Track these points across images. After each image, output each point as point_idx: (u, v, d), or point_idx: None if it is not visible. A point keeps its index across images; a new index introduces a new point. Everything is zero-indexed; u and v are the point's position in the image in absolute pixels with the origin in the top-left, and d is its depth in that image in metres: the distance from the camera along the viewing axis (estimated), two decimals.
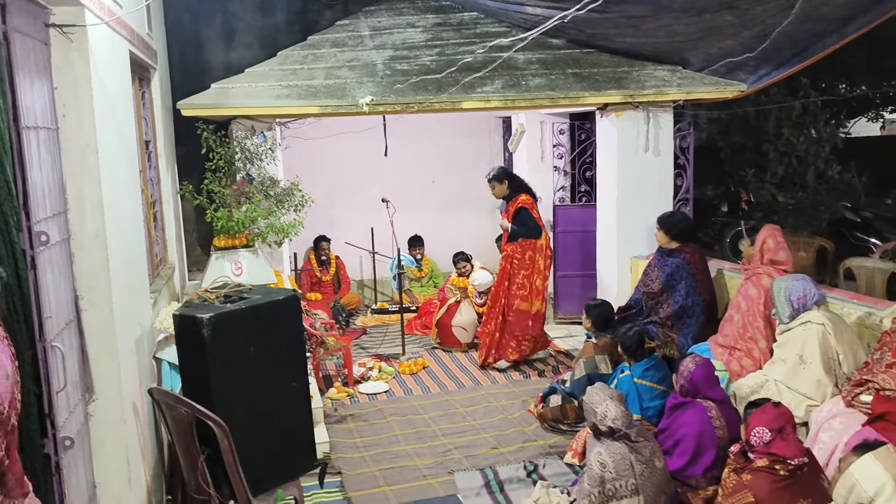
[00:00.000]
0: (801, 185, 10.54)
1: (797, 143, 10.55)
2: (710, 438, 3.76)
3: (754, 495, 3.21)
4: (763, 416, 3.31)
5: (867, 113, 14.65)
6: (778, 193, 10.67)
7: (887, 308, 4.05)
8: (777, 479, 3.20)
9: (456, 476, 4.45)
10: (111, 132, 3.25)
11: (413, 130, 8.37)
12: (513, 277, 6.09)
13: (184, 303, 3.38)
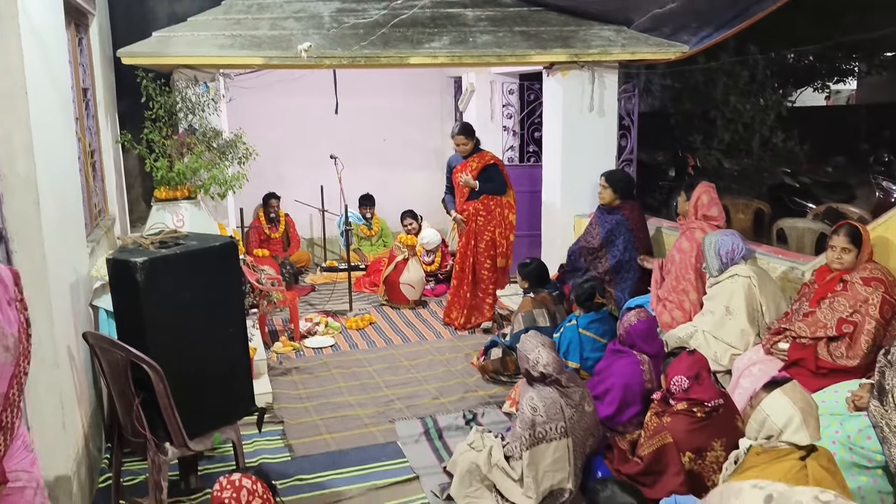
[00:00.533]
0: (746, 152, 10.81)
1: (744, 111, 10.79)
2: (637, 391, 3.92)
3: (673, 436, 3.38)
4: (680, 365, 3.47)
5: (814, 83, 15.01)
6: (724, 160, 10.92)
7: (809, 262, 4.24)
8: (694, 421, 3.37)
9: (396, 424, 4.55)
10: (42, 74, 3.18)
11: (364, 89, 8.33)
12: (480, 235, 6.01)
13: (118, 248, 3.36)
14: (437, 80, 8.80)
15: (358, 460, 4.14)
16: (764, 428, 2.57)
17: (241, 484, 2.37)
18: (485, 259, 6.05)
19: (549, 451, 3.56)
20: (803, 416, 2.50)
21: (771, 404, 2.57)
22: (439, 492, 3.77)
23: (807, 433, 2.49)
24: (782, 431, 2.52)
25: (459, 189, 6.00)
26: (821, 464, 2.53)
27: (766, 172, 10.61)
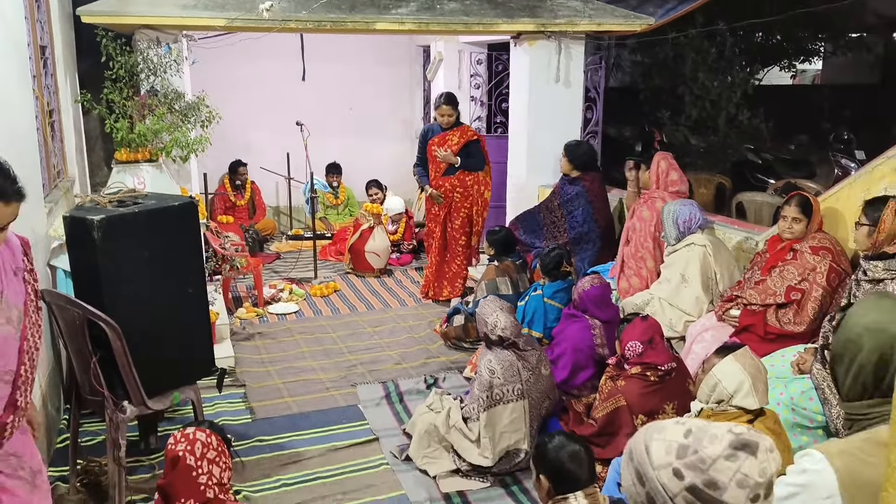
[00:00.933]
0: (713, 129, 10.95)
1: (711, 88, 10.90)
2: (588, 354, 4.01)
3: (626, 399, 3.47)
4: (633, 330, 3.55)
5: (780, 62, 15.19)
6: (691, 136, 11.05)
7: (763, 233, 4.35)
8: (647, 385, 3.46)
9: (358, 388, 4.60)
10: None
11: (332, 55, 8.25)
12: (456, 212, 5.94)
13: (75, 206, 3.33)
14: (406, 49, 8.75)
15: (318, 423, 4.19)
16: (715, 392, 2.65)
17: (196, 437, 2.40)
18: (459, 236, 6.01)
19: (506, 412, 3.64)
20: (753, 381, 2.59)
21: (722, 370, 2.65)
22: (398, 452, 3.84)
23: (755, 398, 2.58)
24: (732, 396, 2.60)
25: (435, 162, 5.87)
26: (767, 426, 2.63)
27: (731, 149, 10.77)
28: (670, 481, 1.17)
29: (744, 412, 2.59)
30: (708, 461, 1.15)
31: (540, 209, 5.70)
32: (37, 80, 4.38)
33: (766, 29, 13.73)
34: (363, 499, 3.48)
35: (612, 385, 3.59)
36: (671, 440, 1.20)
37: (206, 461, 2.37)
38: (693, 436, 1.19)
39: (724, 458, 1.15)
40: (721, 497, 1.14)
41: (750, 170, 9.79)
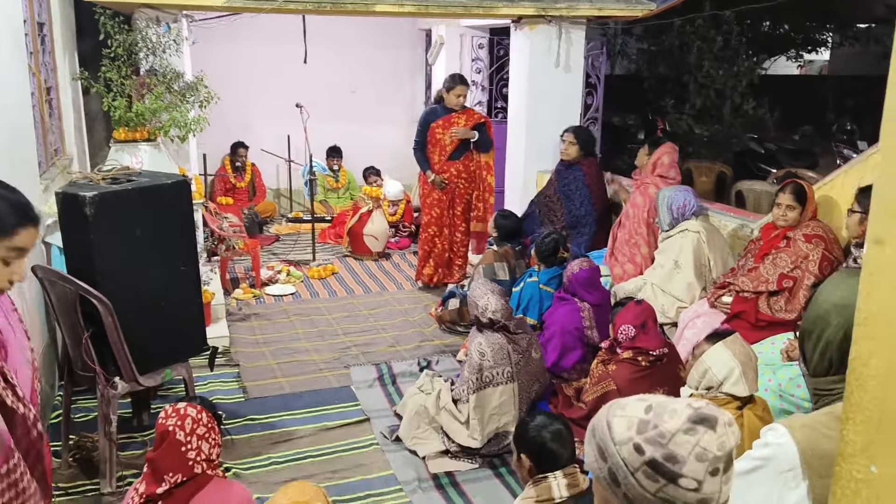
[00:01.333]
0: (717, 118, 10.90)
1: (716, 77, 10.84)
2: (577, 335, 4.02)
3: (616, 383, 3.48)
4: (627, 314, 3.55)
5: (788, 52, 15.09)
6: (695, 125, 11.01)
7: (758, 220, 4.34)
8: (638, 370, 3.47)
9: (351, 370, 4.62)
10: None
11: (335, 38, 8.23)
12: (459, 198, 5.89)
13: (68, 182, 3.35)
14: (409, 33, 8.72)
15: (310, 403, 4.22)
16: (705, 378, 2.66)
17: (186, 412, 2.41)
18: (460, 222, 5.98)
19: (496, 394, 3.66)
20: (743, 368, 2.60)
21: (713, 356, 2.66)
22: (388, 433, 3.86)
23: (745, 385, 2.59)
24: (722, 383, 2.61)
25: (439, 146, 5.75)
26: (756, 413, 2.64)
27: (735, 139, 10.73)
28: (630, 455, 1.18)
29: (733, 399, 2.60)
30: (667, 435, 1.16)
31: (536, 197, 5.69)
32: (33, 57, 4.39)
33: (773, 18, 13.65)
34: (352, 478, 3.51)
35: (604, 369, 3.61)
36: (632, 416, 1.21)
37: (195, 437, 2.39)
38: (653, 411, 1.20)
39: (683, 432, 1.16)
40: (680, 470, 1.14)
41: (752, 159, 9.76)
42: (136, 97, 4.96)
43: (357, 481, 3.48)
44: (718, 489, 1.15)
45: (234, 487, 2.47)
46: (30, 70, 4.16)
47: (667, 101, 11.23)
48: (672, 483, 1.15)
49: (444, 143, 5.75)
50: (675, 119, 11.18)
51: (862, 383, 0.95)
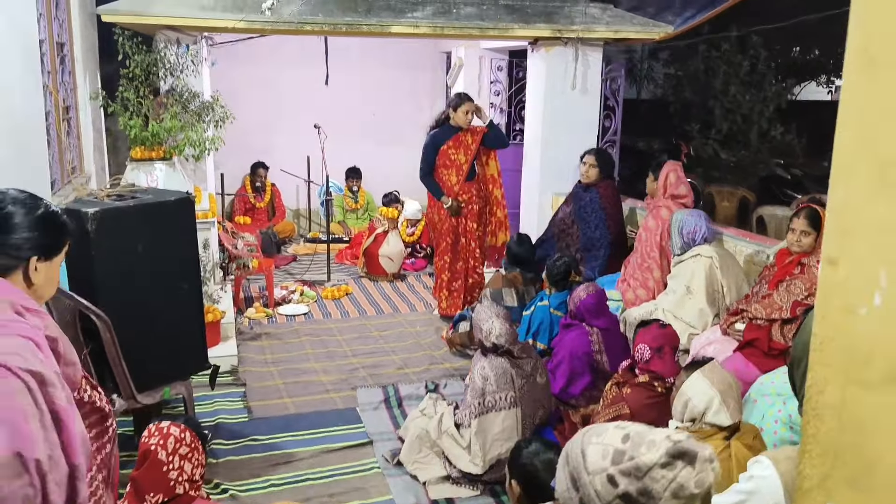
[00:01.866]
0: (744, 143, 10.76)
1: (743, 102, 10.73)
2: (585, 360, 3.93)
3: (630, 407, 3.37)
4: (646, 335, 3.45)
5: (818, 78, 14.89)
6: (721, 150, 10.88)
7: (774, 246, 4.23)
8: (653, 395, 3.36)
9: (357, 391, 4.57)
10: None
11: (356, 61, 8.30)
12: (473, 218, 5.70)
13: (73, 199, 3.37)
14: (429, 56, 8.76)
15: (314, 424, 4.17)
16: (687, 410, 2.58)
17: (169, 431, 2.39)
18: (476, 246, 5.77)
19: (498, 420, 3.57)
20: (722, 397, 2.51)
21: (692, 387, 2.58)
22: (390, 457, 3.80)
23: (727, 414, 2.50)
24: (704, 413, 2.53)
25: (457, 167, 5.59)
26: (744, 442, 2.54)
27: (762, 164, 10.57)
28: (604, 488, 1.12)
29: (719, 429, 2.51)
30: (644, 468, 1.10)
31: (552, 221, 5.62)
32: (51, 76, 4.47)
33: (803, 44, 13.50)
34: (350, 502, 3.45)
35: (618, 391, 3.50)
36: (608, 444, 1.15)
37: (177, 456, 2.36)
38: (631, 441, 1.13)
39: (661, 466, 1.10)
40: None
41: (778, 185, 9.59)
42: (152, 117, 5.02)
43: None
44: None
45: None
46: (46, 89, 4.23)
47: (692, 126, 11.13)
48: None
49: (459, 162, 5.60)
50: (700, 144, 11.06)
51: (818, 412, 0.88)
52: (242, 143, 7.90)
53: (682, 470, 1.10)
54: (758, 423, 3.07)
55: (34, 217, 1.68)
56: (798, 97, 14.76)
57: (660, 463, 1.11)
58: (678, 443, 1.13)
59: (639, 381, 3.41)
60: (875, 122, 0.81)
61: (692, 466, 1.11)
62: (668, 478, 1.10)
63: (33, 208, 1.69)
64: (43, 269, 1.70)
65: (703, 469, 1.12)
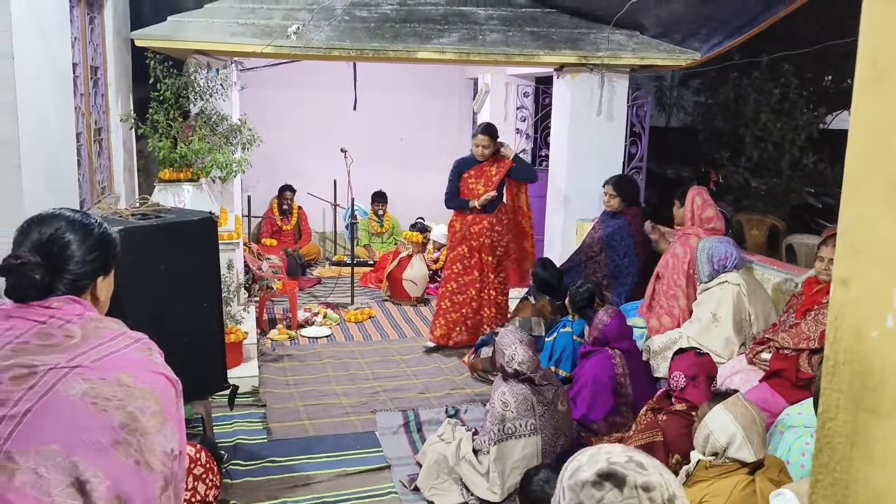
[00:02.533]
0: (775, 171, 10.63)
1: (774, 130, 10.62)
2: (608, 384, 3.87)
3: (665, 435, 3.30)
4: (682, 362, 3.40)
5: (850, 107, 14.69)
6: (751, 178, 10.75)
7: (802, 275, 4.14)
8: (688, 424, 3.29)
9: (377, 415, 4.54)
10: (34, 41, 3.26)
11: (384, 86, 8.38)
12: (487, 251, 5.50)
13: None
14: (456, 82, 8.82)
15: (332, 447, 4.15)
16: (709, 444, 2.52)
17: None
18: (493, 277, 5.57)
19: (518, 447, 3.52)
20: (746, 432, 2.44)
21: (714, 420, 2.51)
22: (407, 482, 3.76)
23: (751, 450, 2.43)
24: (726, 448, 2.46)
25: (474, 196, 5.45)
26: (770, 477, 2.47)
27: (794, 193, 10.43)
28: (560, 498, 1.16)
29: (741, 464, 2.45)
30: (580, 485, 1.12)
31: (580, 249, 5.56)
32: (84, 99, 4.57)
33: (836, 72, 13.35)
34: None
35: (653, 417, 3.44)
36: (578, 459, 1.17)
37: (191, 476, 2.35)
38: (589, 457, 1.15)
39: (591, 485, 1.11)
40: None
41: (809, 213, 9.44)
42: (181, 139, 5.11)
43: None
44: None
45: None
46: (79, 111, 4.33)
47: (722, 154, 11.03)
48: None
49: (477, 192, 5.46)
50: (730, 172, 10.95)
51: (830, 440, 0.84)
52: (270, 166, 8.01)
53: (608, 492, 1.10)
54: (784, 456, 2.98)
55: (93, 240, 1.72)
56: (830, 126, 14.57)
57: (591, 481, 1.12)
58: (613, 464, 1.13)
59: (675, 409, 3.34)
60: (886, 137, 0.78)
61: (619, 490, 1.10)
62: (597, 497, 1.11)
63: (89, 230, 1.74)
64: (105, 285, 1.79)
65: (633, 496, 1.10)
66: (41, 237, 1.62)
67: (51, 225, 1.66)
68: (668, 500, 1.11)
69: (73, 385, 1.41)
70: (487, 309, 5.60)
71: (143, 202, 3.70)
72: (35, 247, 1.62)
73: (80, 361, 1.45)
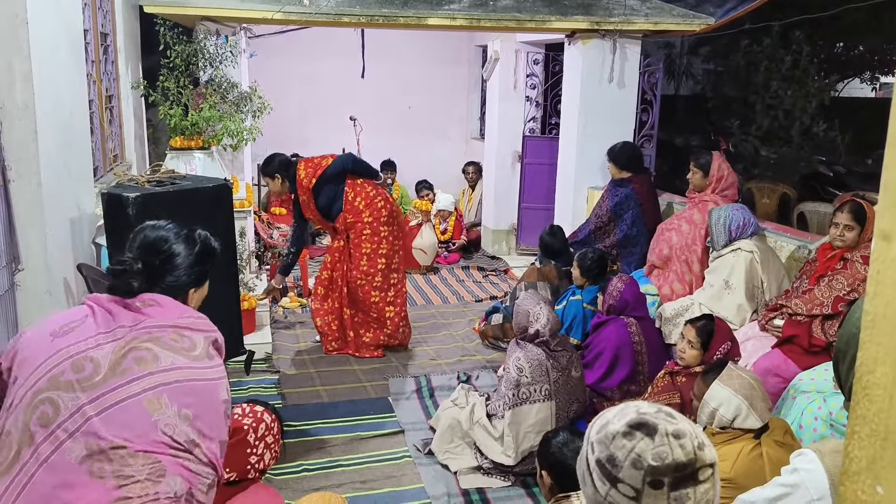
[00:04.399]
0: (785, 140, 10.55)
1: (785, 98, 10.52)
2: (627, 352, 3.89)
3: (682, 398, 3.33)
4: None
5: (863, 74, 14.54)
6: (761, 146, 10.68)
7: (816, 241, 4.14)
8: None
9: (390, 381, 4.59)
10: (46, 5, 3.24)
11: (392, 54, 8.32)
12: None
13: (114, 183, 3.43)
14: (465, 50, 8.75)
15: (347, 412, 4.20)
16: (715, 420, 2.54)
17: (262, 417, 2.37)
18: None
19: (532, 412, 3.55)
20: (749, 401, 2.48)
21: (716, 397, 2.54)
22: (421, 446, 3.81)
23: (756, 417, 2.47)
24: (734, 421, 2.49)
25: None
26: (775, 439, 2.50)
27: (804, 161, 10.36)
28: (588, 454, 1.19)
29: (745, 431, 2.48)
30: (610, 437, 1.15)
31: (589, 219, 5.57)
32: (95, 66, 4.55)
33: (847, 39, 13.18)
34: (381, 489, 3.46)
35: (670, 380, 3.47)
36: (606, 416, 1.20)
37: (262, 443, 2.35)
38: (618, 411, 1.18)
39: (622, 436, 1.14)
40: (618, 475, 1.12)
41: (820, 182, 9.39)
42: (192, 106, 5.10)
43: (386, 493, 3.44)
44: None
45: (265, 491, 2.43)
46: (90, 78, 4.32)
47: (732, 122, 10.95)
48: (614, 487, 1.13)
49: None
50: (740, 140, 10.88)
51: (868, 393, 0.86)
52: (279, 134, 7.97)
53: (639, 441, 1.13)
54: (796, 420, 3.01)
55: (194, 253, 1.87)
56: (841, 94, 14.42)
57: (621, 432, 1.15)
58: (643, 415, 1.16)
59: (694, 370, 3.37)
60: None
61: (651, 438, 1.13)
62: (628, 447, 1.13)
63: (192, 243, 1.89)
64: (198, 296, 1.94)
65: (664, 443, 1.13)
66: (148, 244, 1.81)
67: (159, 234, 1.84)
68: (698, 448, 1.13)
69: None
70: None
71: (157, 169, 3.70)
72: (140, 253, 1.80)
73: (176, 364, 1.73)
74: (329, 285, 4.92)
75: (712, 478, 1.14)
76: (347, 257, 4.89)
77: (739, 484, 2.28)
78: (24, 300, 3.20)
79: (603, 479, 1.14)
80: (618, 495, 1.12)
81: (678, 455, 1.10)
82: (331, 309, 4.93)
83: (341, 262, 4.91)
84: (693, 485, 1.11)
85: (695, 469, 1.12)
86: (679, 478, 1.10)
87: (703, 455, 1.13)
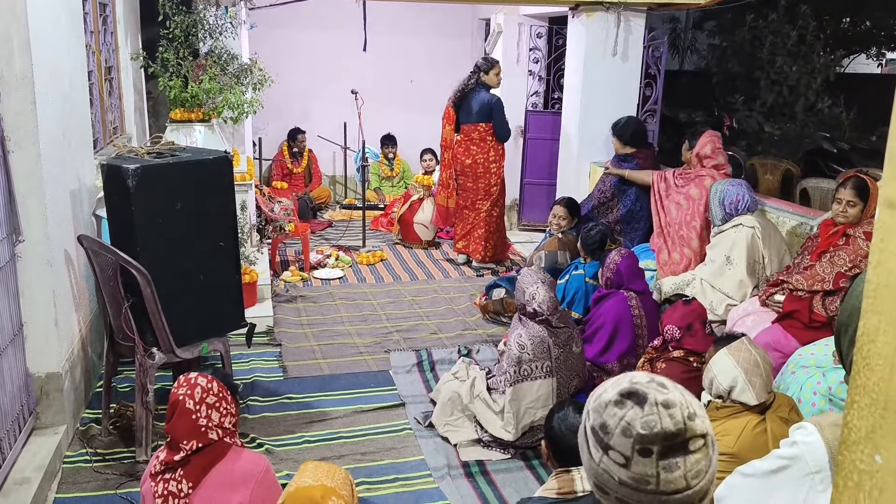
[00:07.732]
0: (789, 116, 10.48)
1: (790, 73, 10.43)
2: (627, 326, 3.89)
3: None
4: (673, 314, 3.42)
5: (868, 50, 14.40)
6: (765, 123, 10.61)
7: (818, 217, 4.12)
8: (688, 370, 3.33)
9: (391, 355, 4.60)
10: None
11: (394, 27, 8.23)
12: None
13: (113, 155, 3.42)
14: (468, 23, 8.65)
15: (348, 385, 4.22)
16: (713, 387, 2.55)
17: (196, 382, 2.42)
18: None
19: (534, 388, 3.57)
20: (747, 376, 2.47)
21: (717, 364, 2.55)
22: (422, 419, 3.83)
23: (752, 393, 2.46)
24: (730, 391, 2.50)
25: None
26: (780, 415, 2.51)
27: (808, 138, 10.30)
28: (584, 421, 1.21)
29: (744, 405, 2.49)
30: (603, 405, 1.17)
31: (592, 194, 5.56)
32: (94, 37, 4.51)
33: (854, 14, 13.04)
34: (382, 461, 3.49)
35: (650, 368, 3.48)
36: (604, 385, 1.22)
37: (204, 405, 2.39)
38: (614, 381, 1.21)
39: (613, 404, 1.16)
40: (609, 442, 1.15)
41: (824, 158, 9.34)
42: (192, 78, 5.06)
43: (386, 464, 3.46)
44: (654, 474, 1.12)
45: (245, 454, 2.47)
46: (89, 48, 4.28)
47: (736, 98, 10.87)
48: (606, 454, 1.15)
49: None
50: (744, 116, 10.81)
51: (868, 362, 0.85)
52: (280, 108, 7.94)
53: (629, 409, 1.15)
54: (795, 395, 3.02)
55: None
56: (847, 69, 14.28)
57: (613, 400, 1.17)
58: (634, 383, 1.18)
59: (673, 356, 3.38)
60: None
61: (640, 407, 1.15)
62: (619, 415, 1.15)
63: None
64: None
65: (653, 412, 1.14)
66: None
67: None
68: (688, 418, 1.14)
69: None
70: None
71: (157, 141, 3.68)
72: None
73: None
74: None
75: (705, 448, 1.14)
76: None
77: (743, 459, 2.29)
78: (24, 271, 3.20)
79: (596, 447, 1.17)
80: (609, 462, 1.14)
81: (667, 424, 1.11)
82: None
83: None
84: (683, 454, 1.12)
85: (685, 438, 1.12)
86: (668, 446, 1.11)
87: (694, 425, 1.14)
